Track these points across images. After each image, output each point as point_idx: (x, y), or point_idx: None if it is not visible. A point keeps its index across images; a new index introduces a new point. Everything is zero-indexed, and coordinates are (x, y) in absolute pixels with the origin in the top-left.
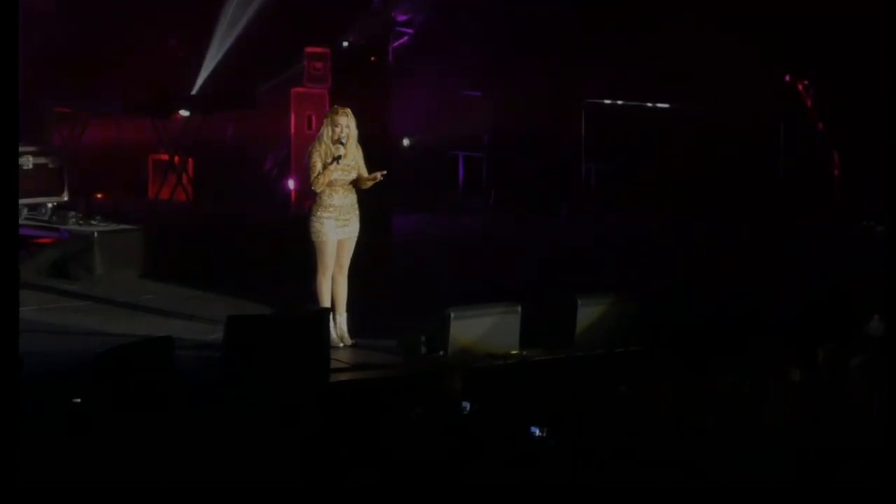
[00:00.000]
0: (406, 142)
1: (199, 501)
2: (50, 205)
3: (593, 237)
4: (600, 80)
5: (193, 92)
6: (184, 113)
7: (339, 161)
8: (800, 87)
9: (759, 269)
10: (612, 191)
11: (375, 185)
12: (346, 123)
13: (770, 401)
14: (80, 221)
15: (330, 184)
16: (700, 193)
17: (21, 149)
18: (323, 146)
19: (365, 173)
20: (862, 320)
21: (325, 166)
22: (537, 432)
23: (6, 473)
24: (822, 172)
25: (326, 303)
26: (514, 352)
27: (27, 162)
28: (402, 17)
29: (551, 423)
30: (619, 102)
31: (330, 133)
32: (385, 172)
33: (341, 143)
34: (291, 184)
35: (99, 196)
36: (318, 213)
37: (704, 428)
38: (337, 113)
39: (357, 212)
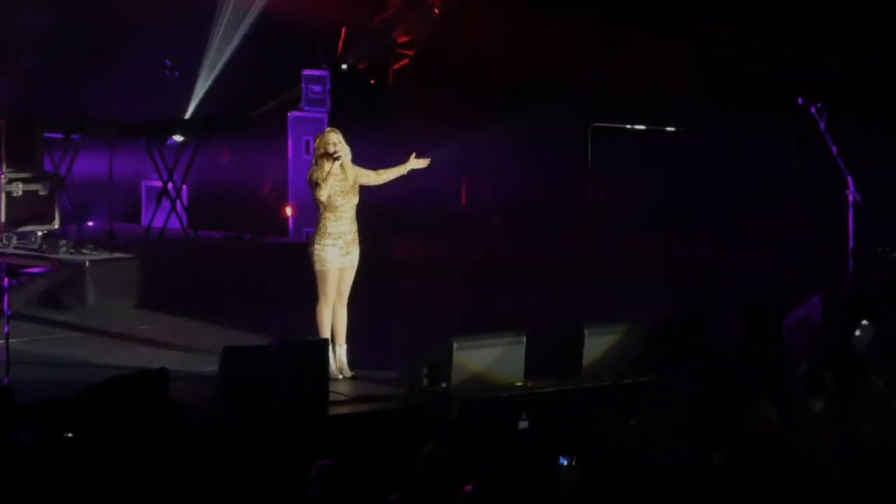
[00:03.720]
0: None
1: None
2: (40, 233)
3: (604, 260)
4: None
5: (187, 116)
6: (178, 138)
7: (339, 160)
8: (813, 109)
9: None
10: (622, 213)
11: (376, 210)
12: (337, 140)
13: (798, 430)
14: (72, 250)
15: (334, 210)
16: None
17: (11, 175)
18: (319, 167)
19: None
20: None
21: (325, 178)
22: (565, 462)
23: None
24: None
25: (326, 333)
26: (518, 383)
27: (17, 189)
28: (403, 38)
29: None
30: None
31: (322, 153)
32: (427, 158)
33: (336, 158)
34: (289, 210)
35: (91, 224)
36: (321, 241)
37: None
38: (325, 133)
39: (357, 240)
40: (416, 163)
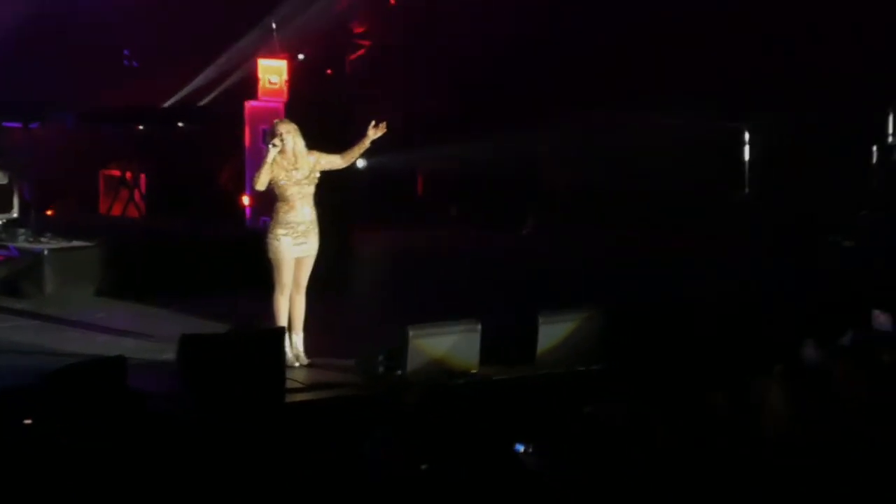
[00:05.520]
0: (361, 163)
1: None
2: (0, 221)
3: (559, 251)
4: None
5: (148, 104)
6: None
7: (273, 147)
8: None
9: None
10: (579, 204)
11: (332, 201)
12: (285, 131)
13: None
14: (31, 238)
15: (286, 199)
16: (664, 208)
17: None
18: (267, 156)
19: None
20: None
21: (261, 166)
22: (522, 449)
23: None
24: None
25: (283, 322)
26: (473, 371)
27: None
28: (359, 28)
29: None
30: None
31: (268, 140)
32: (383, 123)
33: (274, 145)
34: (246, 199)
35: (49, 212)
36: (275, 231)
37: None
38: (276, 125)
39: (316, 229)
40: (374, 132)
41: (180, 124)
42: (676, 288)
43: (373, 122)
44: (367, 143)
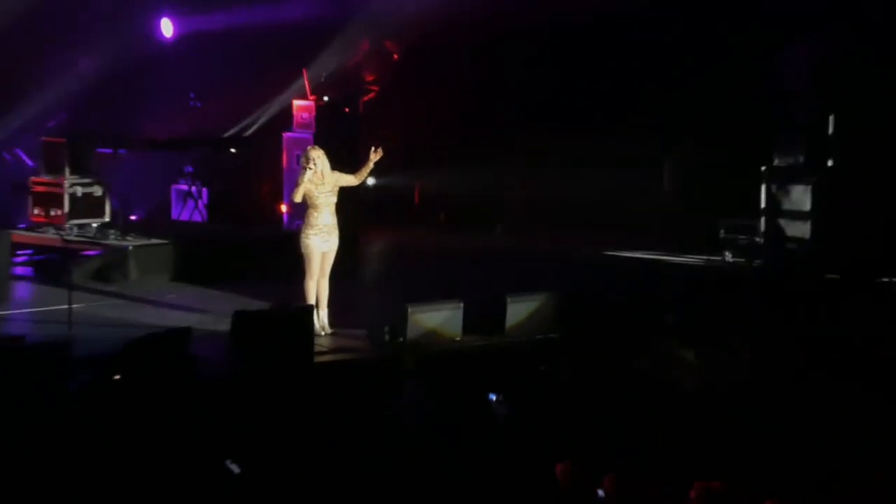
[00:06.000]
0: (371, 181)
1: (211, 452)
2: (95, 224)
3: (521, 248)
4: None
5: (208, 134)
6: (200, 151)
7: (309, 170)
8: None
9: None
10: (535, 213)
11: (348, 209)
12: (316, 156)
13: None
14: (118, 237)
15: (315, 207)
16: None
17: (73, 181)
18: (300, 175)
19: (353, 182)
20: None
21: (298, 183)
22: (494, 398)
23: None
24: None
25: (312, 301)
26: (457, 339)
27: (77, 191)
28: (370, 77)
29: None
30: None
31: (303, 164)
32: (380, 149)
33: (310, 168)
34: (284, 208)
35: (133, 218)
36: (306, 231)
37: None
38: (308, 151)
39: (337, 230)
40: (375, 156)
41: (233, 150)
42: (612, 276)
43: (373, 148)
44: (370, 165)
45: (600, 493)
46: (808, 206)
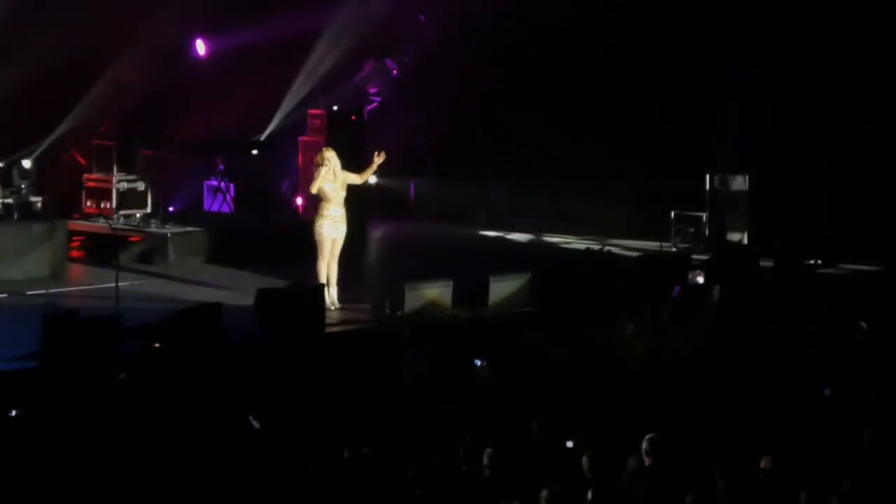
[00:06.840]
0: (373, 180)
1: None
2: (138, 214)
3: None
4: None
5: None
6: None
7: (324, 167)
8: None
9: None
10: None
11: (354, 201)
12: (330, 156)
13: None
14: (158, 225)
15: (328, 200)
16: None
17: (120, 178)
18: (316, 172)
19: (358, 181)
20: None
21: (315, 179)
22: (479, 363)
23: None
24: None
25: (323, 280)
26: (448, 312)
27: (124, 186)
28: (373, 90)
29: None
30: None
31: (319, 163)
32: (383, 152)
33: (325, 166)
34: (299, 200)
35: (171, 209)
36: (320, 220)
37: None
38: (323, 151)
39: (346, 219)
40: (378, 158)
41: (255, 151)
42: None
43: (377, 152)
44: (374, 167)
45: (569, 444)
46: (746, 199)
